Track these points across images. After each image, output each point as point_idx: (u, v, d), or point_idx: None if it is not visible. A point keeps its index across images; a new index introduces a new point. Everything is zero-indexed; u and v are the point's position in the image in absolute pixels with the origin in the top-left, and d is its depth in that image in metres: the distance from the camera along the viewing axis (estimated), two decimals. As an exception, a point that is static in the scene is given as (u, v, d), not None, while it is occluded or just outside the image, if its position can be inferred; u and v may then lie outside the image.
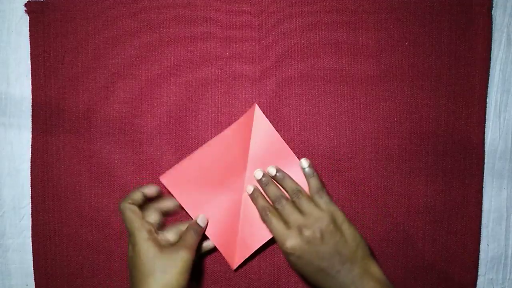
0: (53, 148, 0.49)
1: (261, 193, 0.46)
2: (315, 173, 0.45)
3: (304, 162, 0.46)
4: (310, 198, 0.44)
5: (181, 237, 0.44)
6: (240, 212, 0.47)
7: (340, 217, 0.43)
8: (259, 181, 0.46)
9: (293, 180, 0.46)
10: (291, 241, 0.41)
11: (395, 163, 0.49)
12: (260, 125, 0.47)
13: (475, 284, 0.50)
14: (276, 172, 0.46)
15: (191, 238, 0.44)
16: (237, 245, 0.47)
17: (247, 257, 0.47)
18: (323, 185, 0.45)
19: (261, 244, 0.47)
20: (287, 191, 0.45)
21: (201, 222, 0.46)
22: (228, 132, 0.48)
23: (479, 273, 0.50)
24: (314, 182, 0.45)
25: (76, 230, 0.50)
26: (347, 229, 0.42)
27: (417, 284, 0.49)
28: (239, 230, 0.47)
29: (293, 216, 0.43)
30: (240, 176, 0.47)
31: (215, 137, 0.48)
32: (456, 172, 0.49)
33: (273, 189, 0.45)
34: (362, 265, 0.41)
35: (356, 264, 0.41)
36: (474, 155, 0.49)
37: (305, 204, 0.43)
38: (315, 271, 0.41)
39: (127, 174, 0.49)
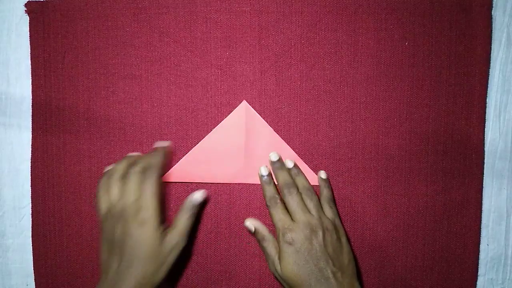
0: (53, 148, 0.49)
1: (273, 180, 0.46)
2: (329, 185, 0.47)
3: (323, 174, 0.47)
4: (319, 203, 0.45)
5: (176, 221, 0.43)
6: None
7: (341, 230, 0.44)
8: (273, 163, 0.46)
9: (307, 179, 0.46)
10: (295, 232, 0.42)
11: (395, 163, 0.49)
12: (252, 120, 0.48)
13: (475, 284, 0.50)
14: (293, 166, 0.47)
15: (186, 222, 0.43)
16: None
17: None
18: (333, 198, 0.47)
19: None
20: (298, 187, 0.45)
21: (196, 200, 0.45)
22: (220, 129, 0.48)
23: (479, 273, 0.50)
24: (328, 192, 0.46)
25: (76, 230, 0.50)
26: (345, 243, 0.44)
27: (417, 284, 0.49)
28: None
29: (300, 209, 0.43)
30: (237, 170, 0.48)
31: (207, 135, 0.48)
32: (456, 172, 0.49)
33: (286, 175, 0.45)
34: (351, 280, 0.42)
35: (346, 278, 0.41)
36: (474, 155, 0.49)
37: (314, 205, 0.44)
38: (310, 270, 0.41)
39: (127, 174, 0.49)
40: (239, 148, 0.48)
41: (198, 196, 0.45)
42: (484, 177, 0.49)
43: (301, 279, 0.41)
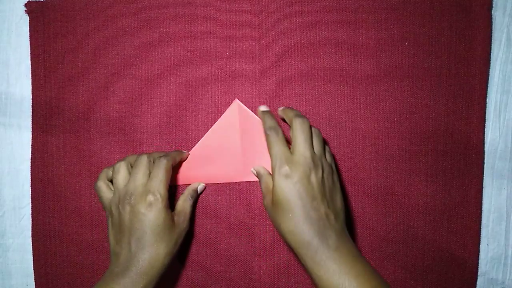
0: (53, 148, 0.49)
1: (273, 115, 0.44)
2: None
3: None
4: (324, 146, 0.43)
5: (180, 206, 0.45)
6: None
7: (336, 176, 0.42)
8: (279, 110, 0.45)
9: None
10: (294, 166, 0.38)
11: (395, 163, 0.49)
12: (246, 118, 0.48)
13: (475, 284, 0.50)
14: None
15: (190, 207, 0.46)
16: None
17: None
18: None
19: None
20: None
21: (200, 189, 0.48)
22: (214, 130, 0.48)
23: (479, 273, 0.50)
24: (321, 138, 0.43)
25: (76, 230, 0.50)
26: (339, 189, 0.41)
27: (417, 284, 0.49)
28: None
29: (307, 142, 0.39)
30: (236, 169, 0.48)
31: (203, 138, 0.48)
32: (456, 172, 0.49)
33: (298, 112, 0.43)
34: (342, 226, 0.40)
35: (338, 222, 0.39)
36: (474, 155, 0.49)
37: (319, 143, 0.41)
38: (303, 207, 0.37)
39: (127, 174, 0.49)
40: (235, 147, 0.48)
41: (202, 186, 0.48)
42: (484, 177, 0.49)
43: (290, 216, 0.38)
